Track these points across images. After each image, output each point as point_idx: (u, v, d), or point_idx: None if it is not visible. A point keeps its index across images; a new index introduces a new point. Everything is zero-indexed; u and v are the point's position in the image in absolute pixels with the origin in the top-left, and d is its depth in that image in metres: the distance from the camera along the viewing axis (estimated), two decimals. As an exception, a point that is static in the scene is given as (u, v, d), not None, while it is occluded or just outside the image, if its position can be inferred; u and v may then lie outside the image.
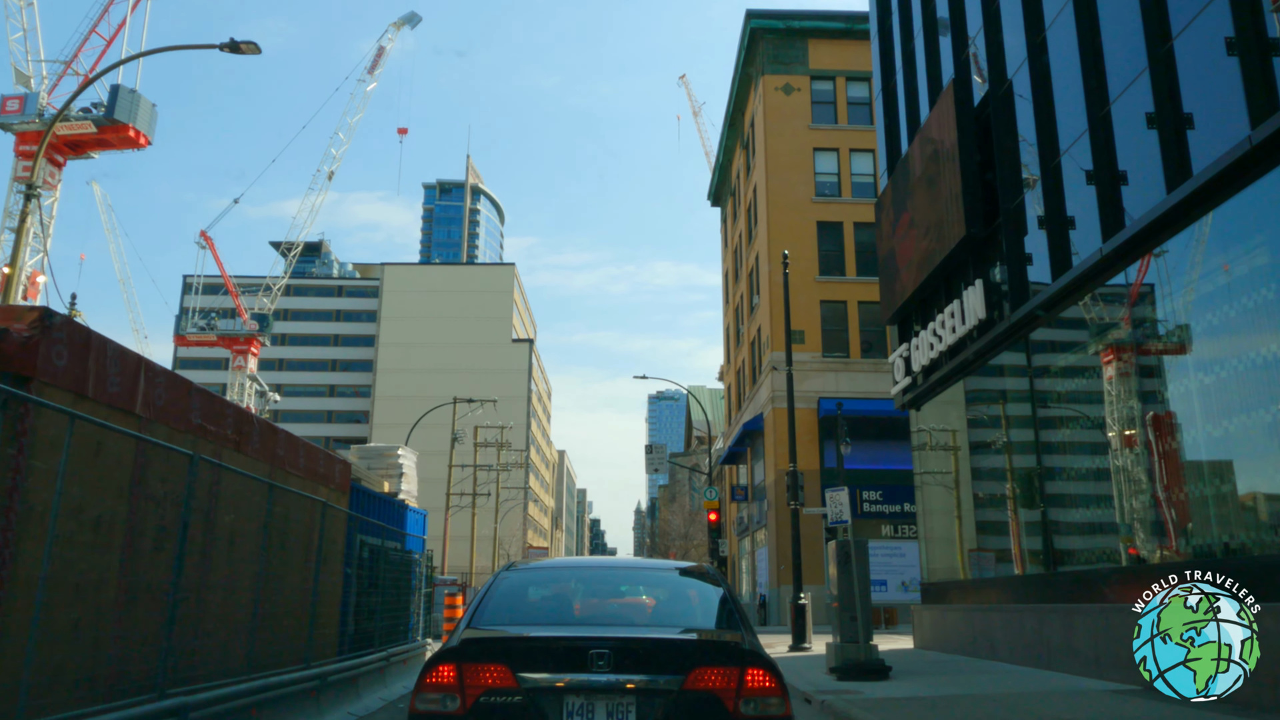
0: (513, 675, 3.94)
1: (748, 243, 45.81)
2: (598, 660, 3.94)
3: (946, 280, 15.86)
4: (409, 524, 14.11)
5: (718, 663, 4.05)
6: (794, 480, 18.64)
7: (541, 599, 5.10)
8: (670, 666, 4.01)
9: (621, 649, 4.02)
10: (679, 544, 78.75)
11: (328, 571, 9.80)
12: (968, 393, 15.98)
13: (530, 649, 4.14)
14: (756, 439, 41.71)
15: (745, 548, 47.33)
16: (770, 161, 40.06)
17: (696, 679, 3.97)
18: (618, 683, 3.93)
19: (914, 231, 16.64)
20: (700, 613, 5.00)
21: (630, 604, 5.24)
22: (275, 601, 8.31)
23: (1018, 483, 14.03)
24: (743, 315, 47.04)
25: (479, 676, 3.96)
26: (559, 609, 5.00)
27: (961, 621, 14.96)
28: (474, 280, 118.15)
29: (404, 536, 13.66)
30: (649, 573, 5.95)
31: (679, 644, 4.31)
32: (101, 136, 56.21)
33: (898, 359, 17.86)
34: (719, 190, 56.71)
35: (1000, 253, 13.49)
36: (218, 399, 7.51)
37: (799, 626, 17.01)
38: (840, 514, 12.15)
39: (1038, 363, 13.33)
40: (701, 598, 5.15)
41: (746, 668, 4.03)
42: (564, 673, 3.96)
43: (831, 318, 38.59)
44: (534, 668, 3.98)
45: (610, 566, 6.46)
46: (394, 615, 12.49)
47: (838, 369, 37.86)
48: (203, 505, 6.95)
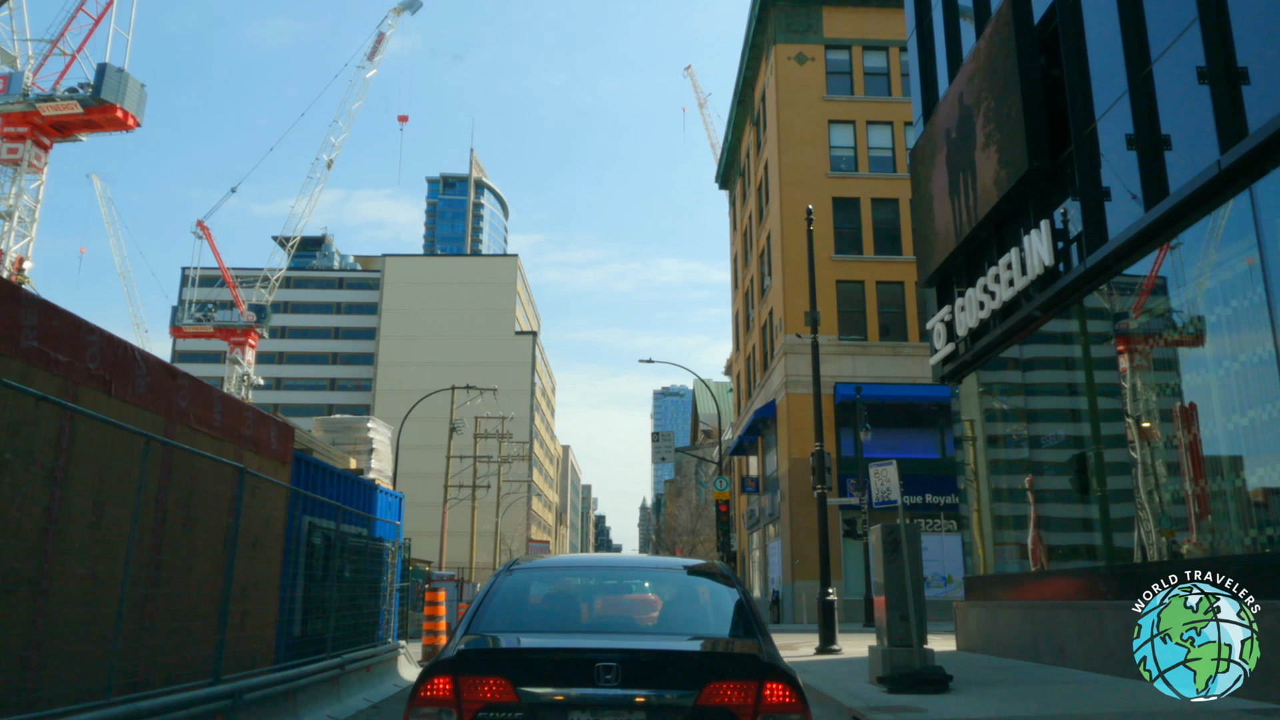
0: (513, 689, 3.66)
1: (758, 223, 43.77)
2: (604, 674, 3.67)
3: (999, 229, 13.83)
4: (379, 507, 12.15)
5: (734, 676, 3.77)
6: (820, 461, 16.64)
7: (544, 602, 4.75)
8: (682, 680, 3.75)
9: (630, 660, 3.75)
10: (686, 540, 76.74)
11: (258, 560, 7.83)
12: (1023, 360, 13.96)
13: (532, 660, 3.91)
14: (768, 427, 39.68)
15: (755, 542, 45.31)
16: (783, 135, 37.99)
17: (711, 694, 3.69)
18: (626, 698, 3.67)
19: (958, 178, 14.62)
20: (713, 618, 4.67)
21: (638, 608, 4.94)
22: (172, 598, 6.34)
23: (1092, 459, 12.00)
24: (753, 299, 45.02)
25: (477, 690, 3.67)
26: (563, 613, 4.68)
27: (1019, 620, 12.95)
28: (476, 272, 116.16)
29: (371, 521, 11.69)
30: (658, 572, 5.61)
31: (692, 656, 4.07)
32: (88, 117, 54.34)
33: (938, 324, 15.83)
34: (727, 172, 54.63)
35: (1072, 187, 11.45)
36: (78, 322, 5.53)
37: (827, 626, 15.03)
38: (888, 492, 10.17)
39: (1120, 311, 11.29)
40: (714, 601, 4.82)
41: (765, 681, 3.74)
42: (569, 687, 3.70)
43: (848, 299, 36.54)
44: (536, 681, 3.71)
45: (617, 566, 5.83)
46: (355, 614, 10.51)
47: (855, 352, 35.82)
48: (45, 462, 4.99)
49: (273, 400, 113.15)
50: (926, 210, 16.43)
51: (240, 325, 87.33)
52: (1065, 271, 11.72)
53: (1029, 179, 12.13)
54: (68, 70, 56.14)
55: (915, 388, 35.13)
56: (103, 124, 54.82)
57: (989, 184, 13.26)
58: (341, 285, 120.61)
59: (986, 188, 13.37)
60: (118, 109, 53.90)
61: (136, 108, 55.43)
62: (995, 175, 13.03)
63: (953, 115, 14.97)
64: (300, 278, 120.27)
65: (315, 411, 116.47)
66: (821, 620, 15.06)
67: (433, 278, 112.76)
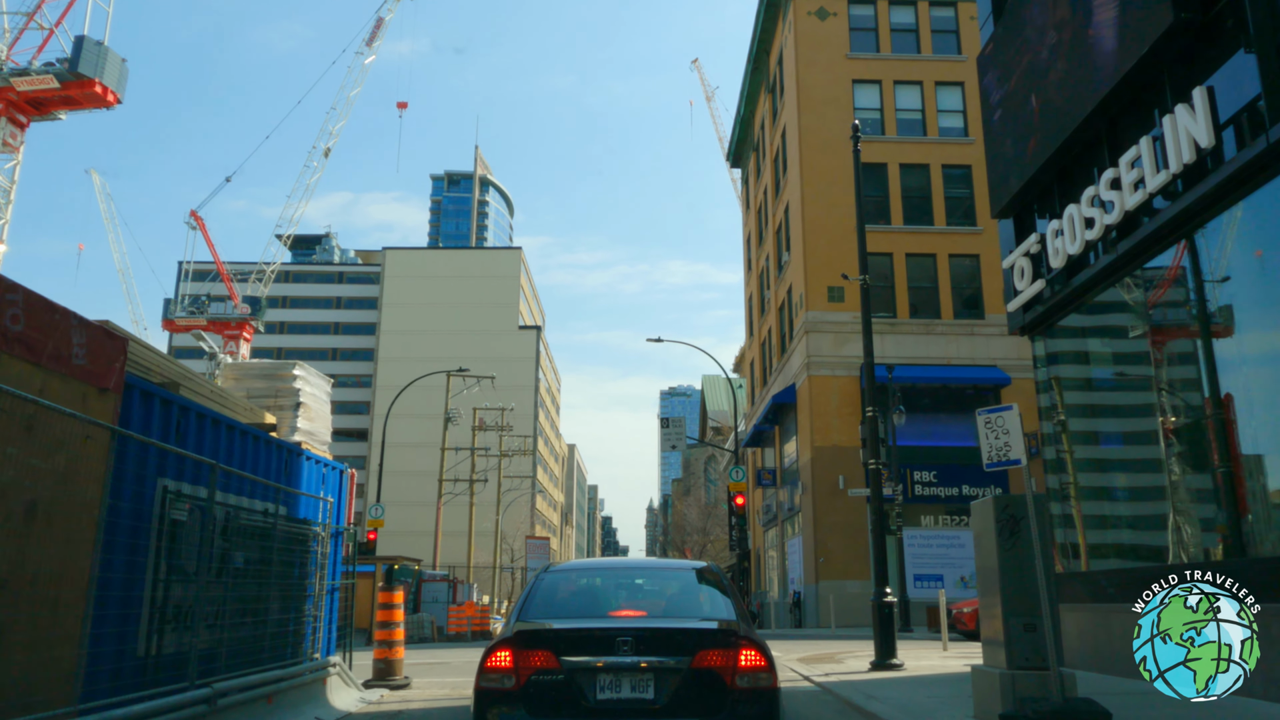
0: (556, 658, 4.92)
1: (774, 197, 40.71)
2: (623, 646, 4.92)
3: (1112, 125, 10.78)
4: (305, 477, 9.15)
5: (718, 645, 5.09)
6: (873, 429, 13.59)
7: (575, 595, 6.10)
8: (680, 650, 5.01)
9: (641, 636, 5.03)
10: (696, 539, 73.62)
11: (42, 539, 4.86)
12: (1139, 301, 10.90)
13: (569, 637, 5.14)
14: (787, 414, 36.62)
15: (771, 540, 42.20)
16: (803, 96, 34.95)
17: (701, 659, 4.96)
18: (638, 663, 4.89)
19: (1050, 73, 11.60)
20: (706, 605, 5.98)
21: (648, 599, 6.28)
22: None
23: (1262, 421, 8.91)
24: (769, 279, 41.96)
25: (530, 660, 4.94)
26: (590, 603, 6.02)
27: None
28: (479, 265, 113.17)
29: (292, 498, 8.70)
30: (664, 572, 7.17)
31: (687, 631, 5.31)
32: (66, 93, 51.46)
33: (1019, 260, 12.77)
34: (739, 148, 51.56)
35: (1243, 36, 8.38)
36: None
37: (885, 635, 11.97)
38: (1005, 450, 7.18)
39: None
40: (707, 593, 6.15)
41: (740, 649, 5.02)
42: (597, 655, 4.92)
43: (875, 273, 33.30)
44: (573, 652, 4.96)
45: (631, 567, 8.03)
46: (256, 621, 7.52)
47: (883, 331, 32.66)
48: None
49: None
50: (1001, 125, 13.38)
51: (234, 318, 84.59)
52: (1225, 161, 8.66)
53: (1171, 38, 9.07)
54: (46, 45, 53.46)
55: (950, 369, 32.03)
56: (81, 100, 52.00)
57: (1104, 63, 10.21)
58: (341, 279, 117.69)
59: (1099, 70, 10.31)
60: (96, 84, 51.08)
61: (117, 83, 52.62)
62: (1115, 49, 9.98)
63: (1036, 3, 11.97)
64: (299, 272, 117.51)
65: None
66: (878, 628, 12.00)
67: (434, 271, 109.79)
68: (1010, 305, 13.15)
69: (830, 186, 33.76)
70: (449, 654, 19.25)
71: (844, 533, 30.68)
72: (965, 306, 33.41)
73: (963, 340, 32.69)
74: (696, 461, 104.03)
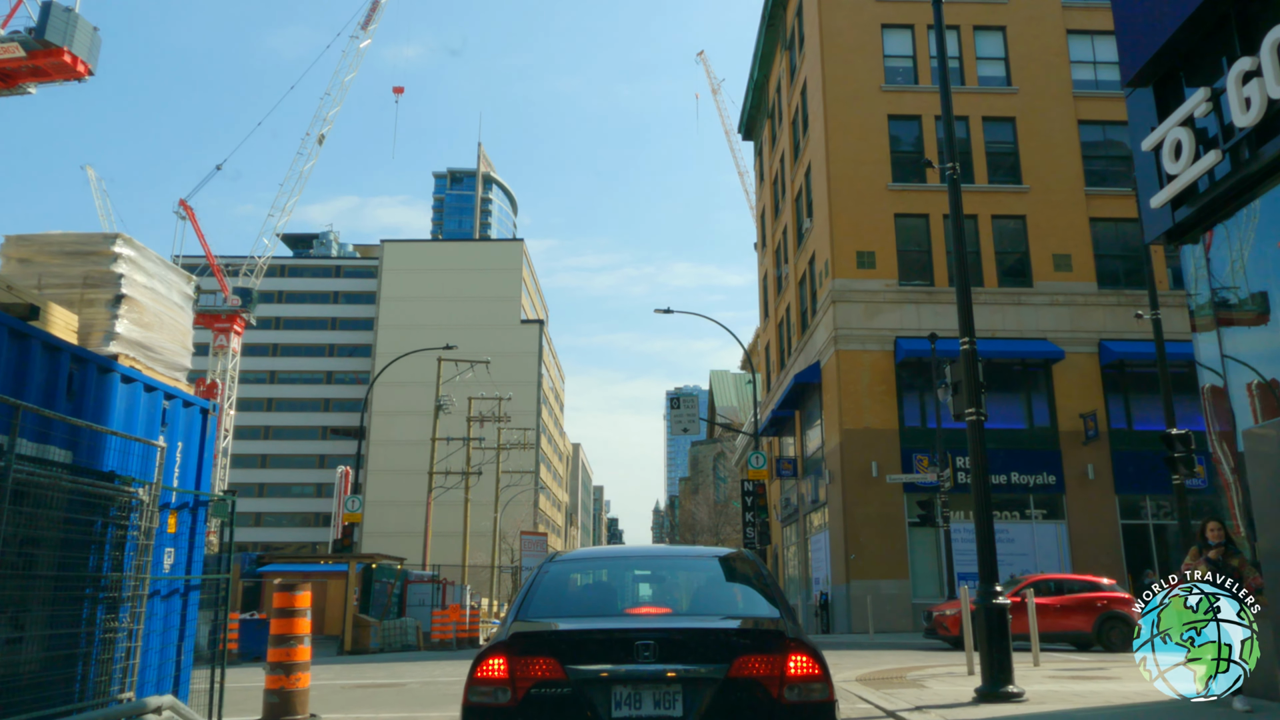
0: (561, 667, 3.98)
1: (793, 161, 37.22)
2: (643, 651, 3.99)
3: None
4: (120, 412, 5.72)
5: (761, 650, 4.09)
6: (969, 364, 10.15)
7: (585, 589, 5.11)
8: (714, 655, 4.06)
9: (666, 639, 4.07)
10: (706, 540, 70.07)
11: None
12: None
13: (578, 641, 4.19)
14: (810, 397, 33.09)
15: (791, 537, 38.65)
16: (826, 45, 31.46)
17: (740, 667, 4.00)
18: (663, 672, 3.97)
19: None
20: (741, 599, 4.96)
21: (672, 592, 5.24)
22: None
23: None
24: (786, 253, 38.47)
25: (529, 669, 3.99)
26: (603, 598, 5.01)
27: None
28: (480, 257, 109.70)
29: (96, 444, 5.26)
30: (688, 559, 5.86)
31: (722, 632, 4.36)
32: (34, 63, 48.09)
33: (1172, 134, 9.26)
34: (752, 117, 48.04)
35: None
36: None
37: (997, 650, 8.49)
38: None
39: None
40: (741, 583, 5.16)
41: (789, 653, 4.05)
42: (611, 664, 3.99)
43: (910, 236, 29.95)
44: (582, 659, 4.02)
45: (650, 555, 6.40)
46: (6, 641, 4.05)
47: (919, 300, 29.24)
48: None
49: (265, 395, 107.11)
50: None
51: (224, 310, 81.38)
52: None
53: None
54: (14, 14, 50.30)
55: (995, 342, 28.47)
56: (50, 71, 48.63)
57: None
58: (339, 273, 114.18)
59: None
60: (65, 53, 47.72)
61: (87, 53, 49.27)
62: None
63: None
64: (295, 266, 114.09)
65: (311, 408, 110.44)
66: (987, 641, 8.49)
67: (433, 264, 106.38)
68: (1155, 200, 9.63)
69: (858, 141, 30.29)
70: (418, 669, 15.77)
71: (877, 526, 27.18)
72: (1010, 274, 29.91)
73: (1009, 311, 29.16)
74: (705, 459, 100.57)
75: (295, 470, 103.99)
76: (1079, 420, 28.21)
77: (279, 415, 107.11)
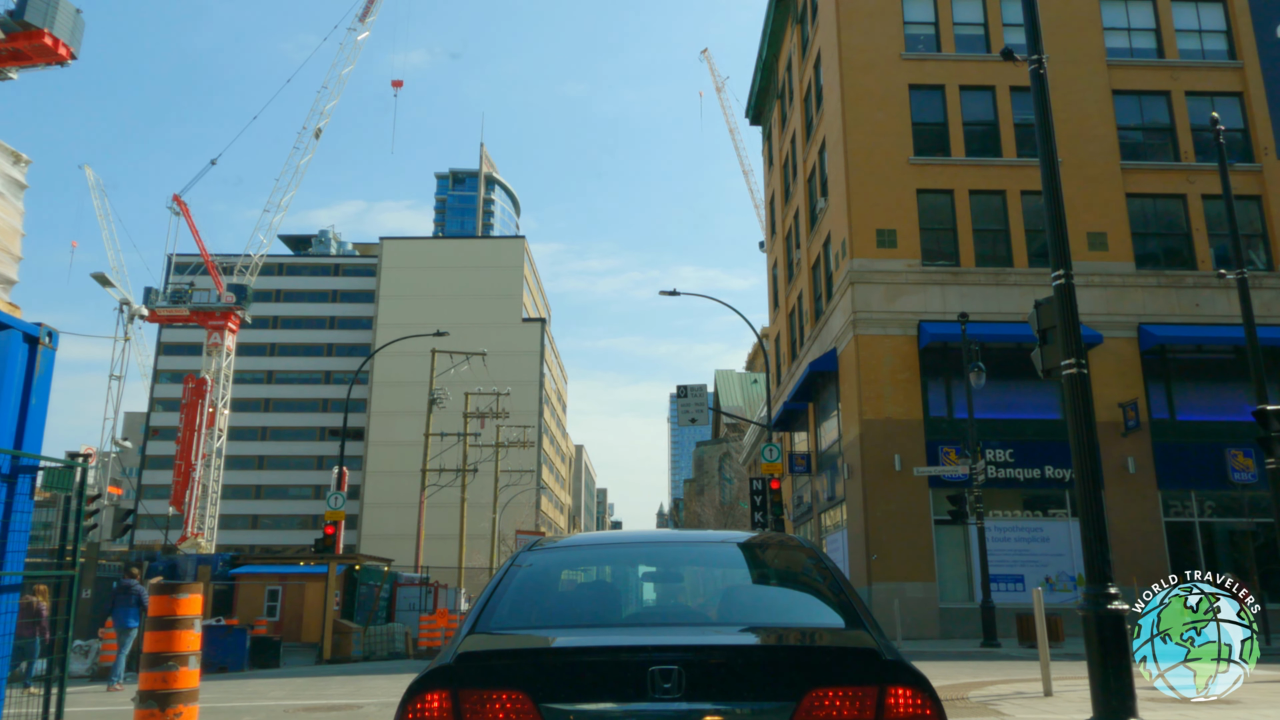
0: (534, 706, 2.56)
1: (805, 140, 35.21)
2: (662, 682, 2.56)
3: None
4: None
5: (843, 681, 2.61)
6: (1069, 302, 8.13)
7: (574, 589, 3.60)
8: (772, 689, 2.61)
9: (697, 663, 2.62)
10: (710, 541, 68.09)
11: None
12: None
13: (561, 666, 2.74)
14: (825, 387, 31.04)
15: (804, 538, 36.62)
16: (843, 10, 29.45)
17: (813, 706, 2.56)
18: (695, 714, 2.54)
19: None
20: (798, 603, 3.46)
21: (697, 593, 3.87)
22: None
23: None
24: (798, 238, 36.44)
25: (484, 708, 2.55)
26: (599, 602, 3.47)
27: None
28: (480, 255, 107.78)
29: None
30: (718, 547, 3.96)
31: (783, 654, 2.93)
32: (13, 45, 46.31)
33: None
34: (760, 99, 46.01)
35: None
36: None
37: (1114, 667, 6.47)
38: None
39: None
40: (795, 580, 3.65)
41: (887, 685, 2.59)
42: (614, 702, 2.58)
43: (933, 214, 27.90)
44: (566, 695, 2.59)
45: (665, 541, 4.24)
46: None
47: (944, 281, 27.19)
48: None
49: (262, 395, 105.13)
50: None
51: (218, 308, 79.23)
52: None
53: None
54: (-6, -3, 48.44)
55: (1027, 326, 26.44)
56: (31, 54, 46.84)
57: None
58: (338, 272, 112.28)
59: None
60: (46, 34, 45.94)
61: (70, 36, 47.49)
62: None
63: None
64: (293, 264, 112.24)
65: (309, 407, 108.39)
66: (1101, 658, 6.48)
67: (433, 262, 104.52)
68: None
69: (876, 112, 28.28)
70: (387, 685, 13.72)
71: (901, 524, 25.11)
72: (1042, 254, 27.81)
73: (1042, 293, 26.85)
74: (710, 460, 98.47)
75: (293, 472, 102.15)
76: (1118, 410, 26.13)
77: (276, 416, 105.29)
